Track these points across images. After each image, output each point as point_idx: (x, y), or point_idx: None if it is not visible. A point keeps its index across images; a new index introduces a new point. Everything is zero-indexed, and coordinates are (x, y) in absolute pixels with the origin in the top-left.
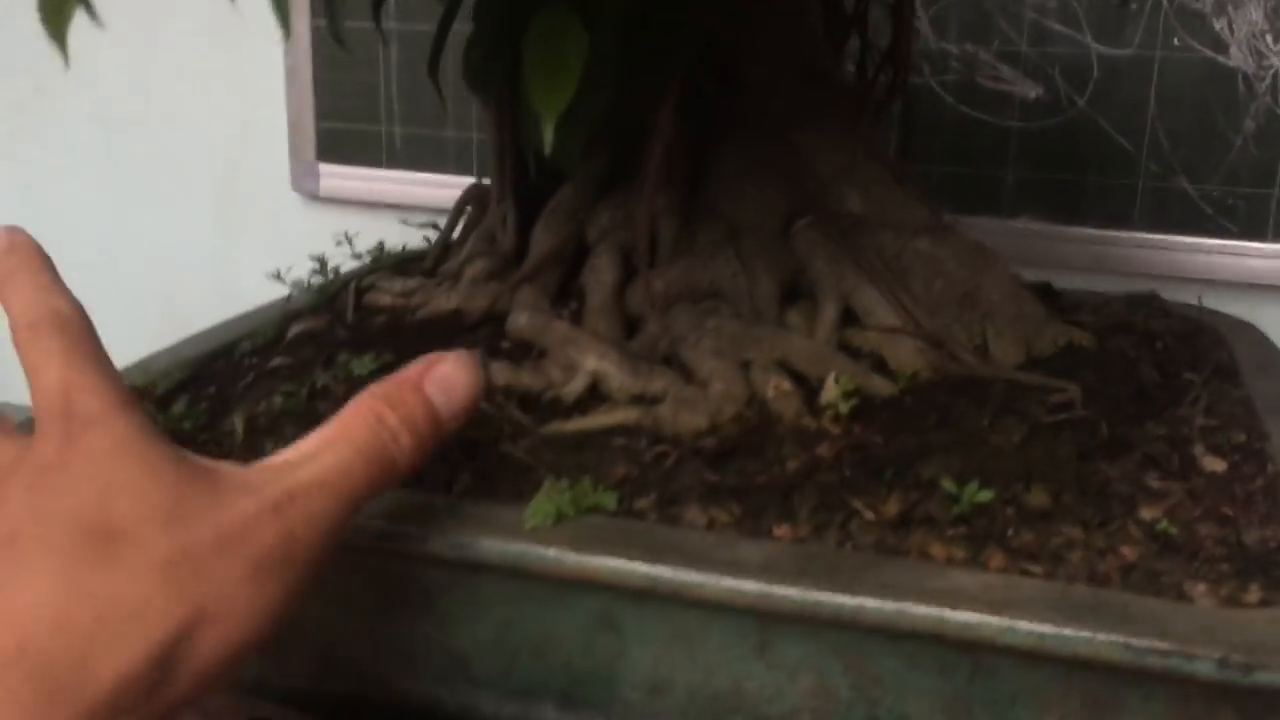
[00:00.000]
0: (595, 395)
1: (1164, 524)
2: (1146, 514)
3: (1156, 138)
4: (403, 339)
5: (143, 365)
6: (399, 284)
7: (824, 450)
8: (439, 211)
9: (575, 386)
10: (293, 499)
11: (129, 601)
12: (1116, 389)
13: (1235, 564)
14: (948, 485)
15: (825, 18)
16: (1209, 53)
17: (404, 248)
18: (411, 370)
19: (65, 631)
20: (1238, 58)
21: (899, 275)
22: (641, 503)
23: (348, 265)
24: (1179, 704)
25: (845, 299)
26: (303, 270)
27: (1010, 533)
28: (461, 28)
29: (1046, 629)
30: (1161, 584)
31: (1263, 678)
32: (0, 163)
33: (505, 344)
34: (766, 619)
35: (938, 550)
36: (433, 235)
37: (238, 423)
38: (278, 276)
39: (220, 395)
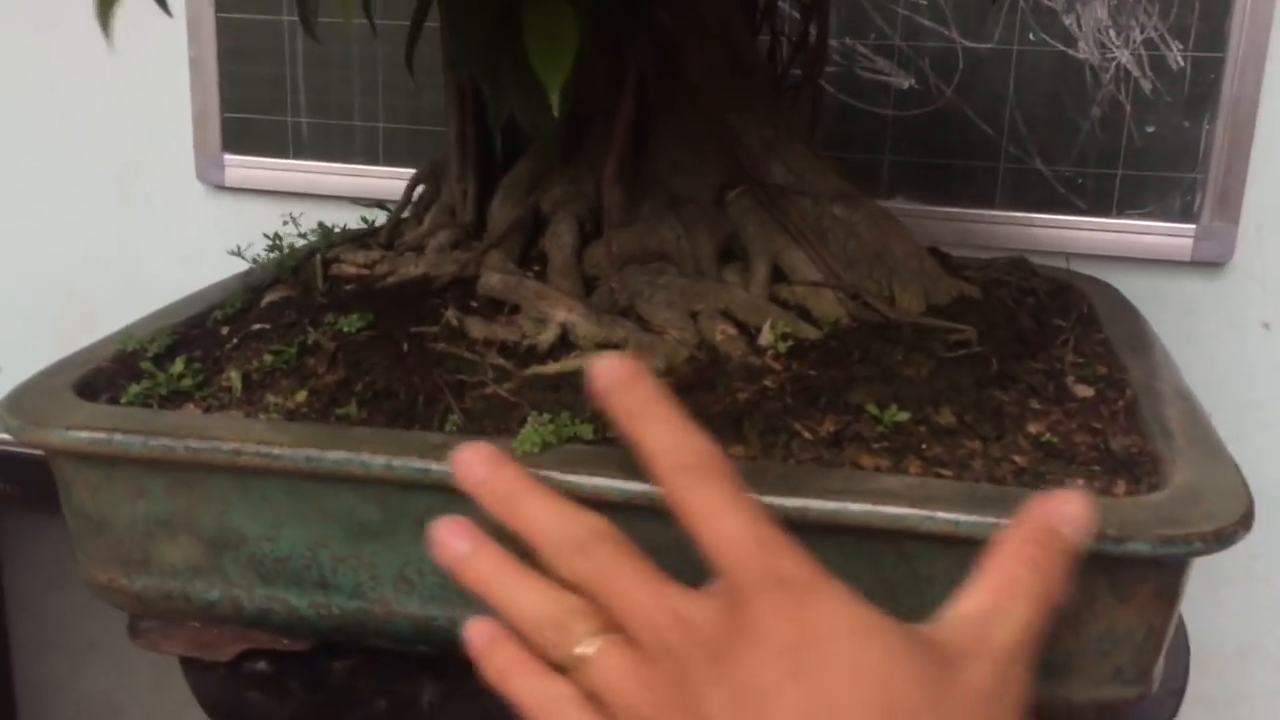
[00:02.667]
0: (565, 343)
1: (1047, 436)
2: (1033, 429)
3: (1015, 124)
4: (377, 301)
5: (125, 333)
6: (362, 255)
7: (769, 382)
8: (348, 201)
9: (548, 336)
10: (1011, 660)
11: None
12: (1001, 332)
13: (1105, 466)
14: (872, 409)
15: (745, 13)
16: (1060, 46)
17: (344, 227)
18: (1040, 508)
19: None
20: (1085, 51)
21: (819, 237)
22: (614, 432)
23: (262, 255)
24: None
25: (775, 258)
26: (211, 260)
27: (924, 446)
28: (385, 22)
29: (959, 517)
30: (1047, 481)
31: (1131, 548)
32: None
33: (474, 304)
34: None
35: (866, 461)
36: (373, 218)
37: (235, 378)
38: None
39: (209, 356)
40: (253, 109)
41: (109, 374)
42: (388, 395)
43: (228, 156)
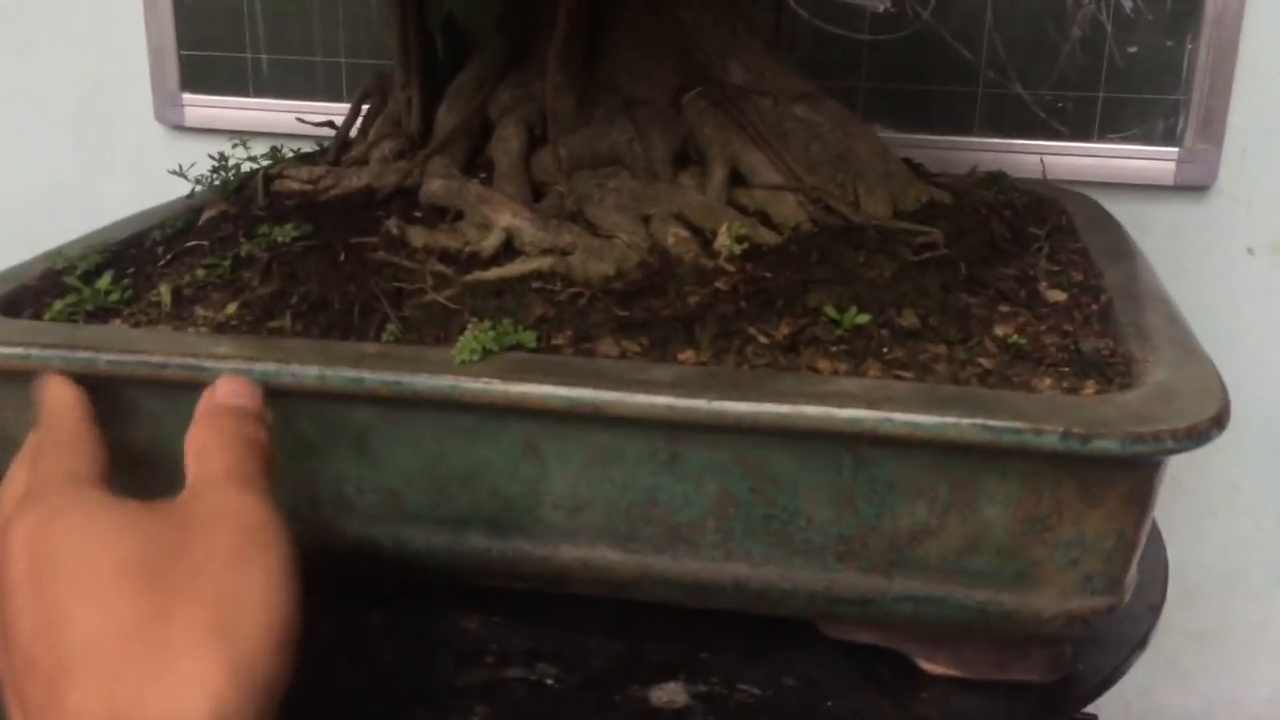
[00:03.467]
0: (510, 250)
1: (1015, 338)
2: (1000, 331)
3: (994, 47)
4: (317, 213)
5: (55, 252)
6: (305, 172)
7: (721, 284)
8: (310, 139)
9: (491, 241)
10: (214, 486)
11: None
12: (972, 238)
13: (1075, 367)
14: (830, 312)
15: None
16: None
17: (298, 150)
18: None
19: None
20: None
21: (780, 139)
22: (558, 339)
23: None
24: (1030, 479)
25: (732, 161)
26: (170, 200)
27: (885, 350)
28: None
29: (919, 418)
30: (1014, 384)
31: (1099, 446)
32: None
33: (418, 214)
34: (676, 432)
35: (824, 365)
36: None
37: (164, 293)
38: None
39: (141, 273)
40: (211, 46)
41: (35, 291)
42: (323, 306)
43: (186, 95)
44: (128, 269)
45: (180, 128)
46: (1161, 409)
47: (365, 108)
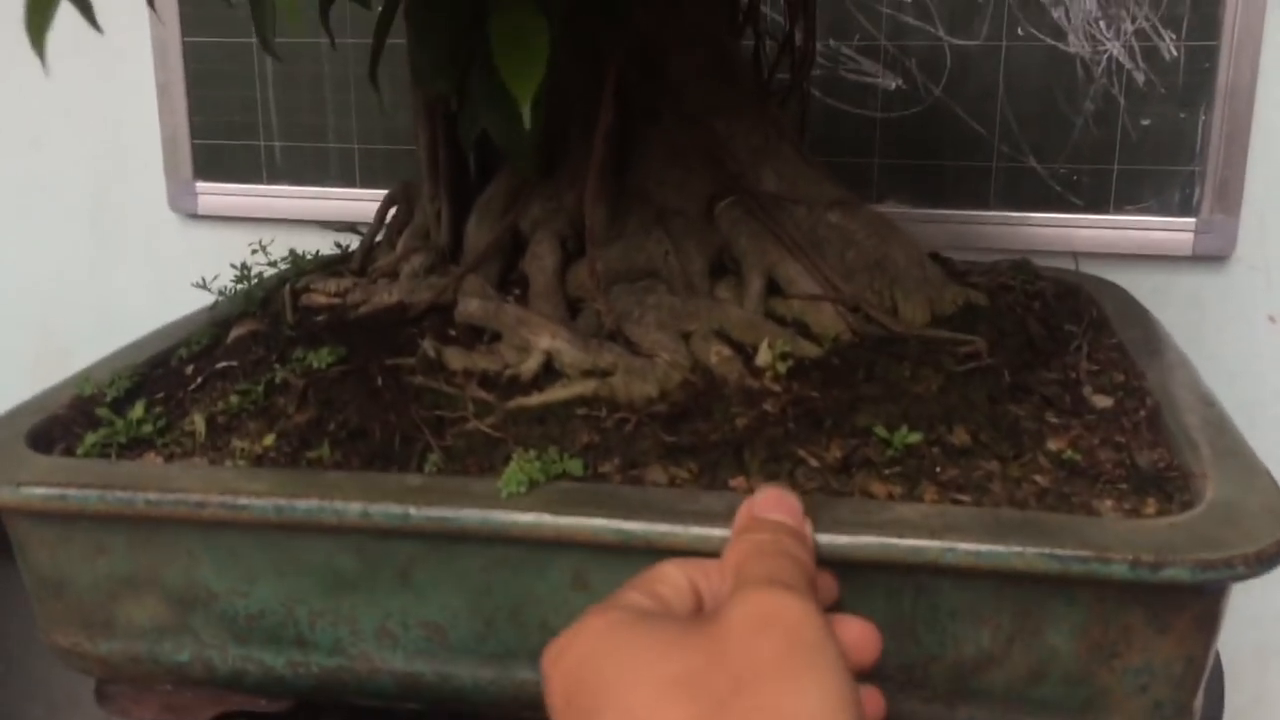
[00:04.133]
0: (550, 372)
1: (1069, 453)
2: (1053, 445)
3: (1007, 122)
4: (351, 333)
5: (83, 376)
6: (333, 284)
7: (770, 406)
8: (323, 226)
9: (531, 364)
10: (756, 590)
11: None
12: (1011, 341)
13: (1132, 483)
14: (880, 431)
15: (727, 15)
16: (1050, 41)
17: (318, 253)
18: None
19: None
20: (1075, 44)
21: (815, 247)
22: (606, 467)
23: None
24: (1097, 606)
25: (769, 271)
26: (186, 290)
27: (938, 469)
28: (357, 41)
29: (982, 547)
30: (1073, 503)
31: (1169, 574)
32: None
33: (452, 332)
34: None
35: (878, 488)
36: (348, 243)
37: (199, 423)
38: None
39: (171, 399)
40: (224, 134)
41: (65, 421)
42: (362, 435)
43: (200, 184)
44: (158, 394)
45: (194, 215)
46: (1229, 532)
47: (391, 214)
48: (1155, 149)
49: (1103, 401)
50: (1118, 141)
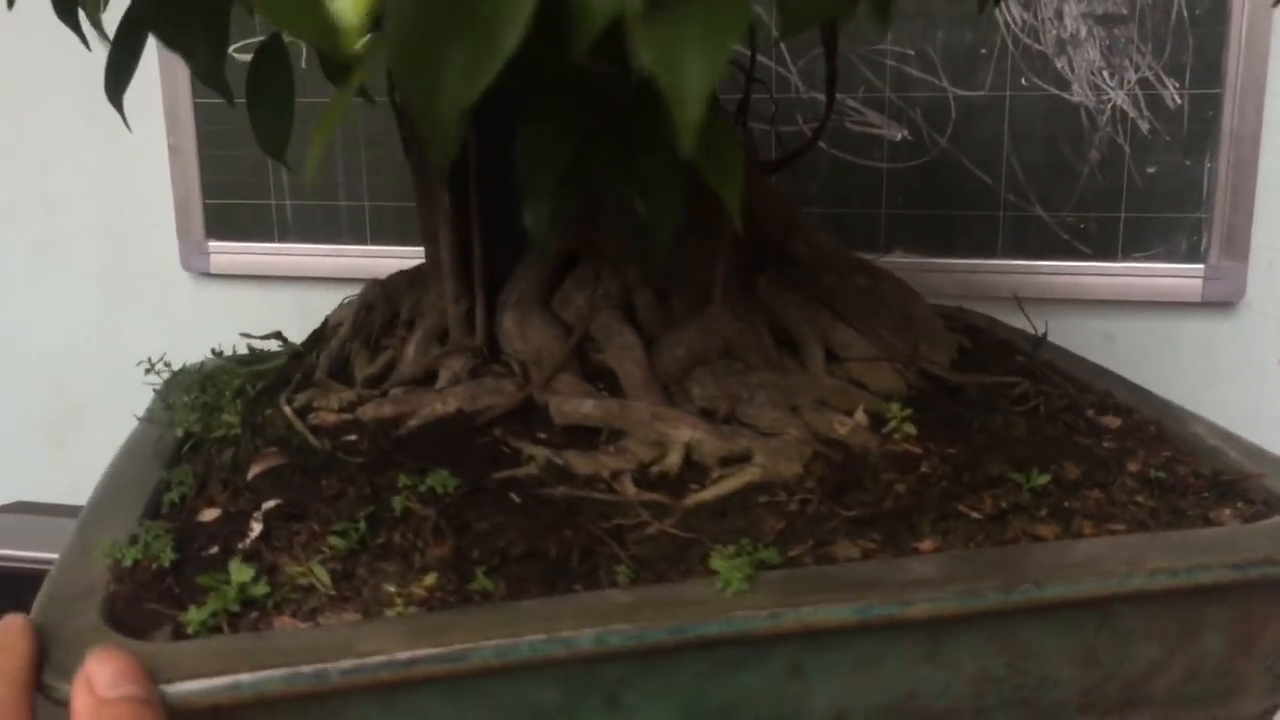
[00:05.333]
0: (689, 464)
1: (1154, 472)
2: (1132, 468)
3: (1013, 171)
4: (421, 450)
5: (97, 547)
6: (334, 400)
7: (926, 468)
8: (336, 282)
9: (674, 459)
10: None
11: None
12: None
13: (1214, 492)
14: (1016, 477)
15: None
16: (1054, 90)
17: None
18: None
19: None
20: (1080, 93)
21: (855, 310)
22: (795, 550)
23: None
24: (1244, 605)
25: (824, 338)
26: (198, 350)
27: (1066, 504)
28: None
29: (1178, 568)
30: (1191, 517)
31: None
32: None
33: (543, 435)
34: (940, 624)
35: (1044, 530)
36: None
37: (318, 573)
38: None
39: (235, 553)
40: (235, 194)
41: (129, 598)
42: (530, 557)
43: (212, 243)
44: (209, 550)
45: (206, 274)
46: None
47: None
48: (1162, 196)
49: (1112, 421)
50: (1124, 189)
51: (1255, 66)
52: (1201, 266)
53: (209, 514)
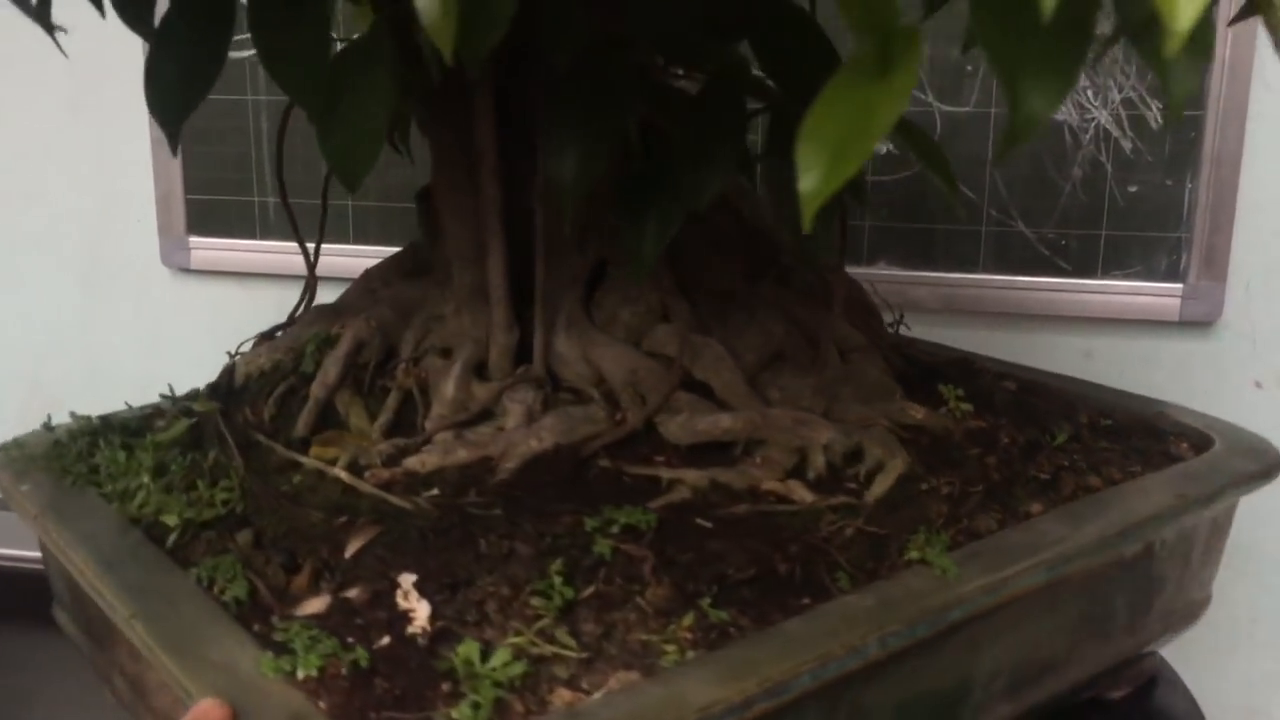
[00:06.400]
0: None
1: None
2: (1083, 419)
3: (996, 187)
4: (545, 490)
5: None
6: (368, 453)
7: (1005, 438)
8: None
9: (820, 461)
10: None
11: None
12: None
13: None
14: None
15: None
16: None
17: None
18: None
19: None
20: (1064, 111)
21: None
22: (951, 530)
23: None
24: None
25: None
26: (177, 345)
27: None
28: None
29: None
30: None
31: None
32: None
33: (660, 458)
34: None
35: (1094, 481)
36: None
37: (564, 639)
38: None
39: (410, 637)
40: (217, 190)
41: (357, 712)
42: (754, 580)
43: (193, 239)
44: (383, 646)
45: (186, 270)
46: None
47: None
48: (1142, 215)
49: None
50: (1105, 207)
51: (1238, 88)
52: (1180, 286)
53: (314, 604)
